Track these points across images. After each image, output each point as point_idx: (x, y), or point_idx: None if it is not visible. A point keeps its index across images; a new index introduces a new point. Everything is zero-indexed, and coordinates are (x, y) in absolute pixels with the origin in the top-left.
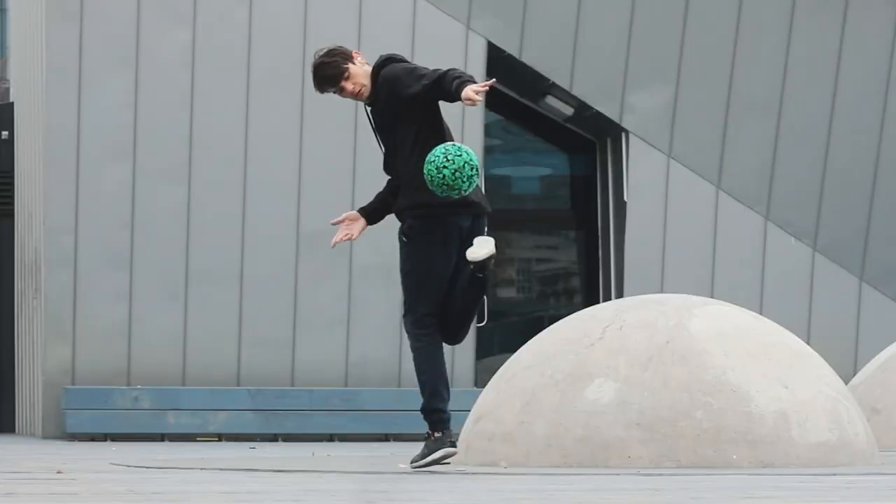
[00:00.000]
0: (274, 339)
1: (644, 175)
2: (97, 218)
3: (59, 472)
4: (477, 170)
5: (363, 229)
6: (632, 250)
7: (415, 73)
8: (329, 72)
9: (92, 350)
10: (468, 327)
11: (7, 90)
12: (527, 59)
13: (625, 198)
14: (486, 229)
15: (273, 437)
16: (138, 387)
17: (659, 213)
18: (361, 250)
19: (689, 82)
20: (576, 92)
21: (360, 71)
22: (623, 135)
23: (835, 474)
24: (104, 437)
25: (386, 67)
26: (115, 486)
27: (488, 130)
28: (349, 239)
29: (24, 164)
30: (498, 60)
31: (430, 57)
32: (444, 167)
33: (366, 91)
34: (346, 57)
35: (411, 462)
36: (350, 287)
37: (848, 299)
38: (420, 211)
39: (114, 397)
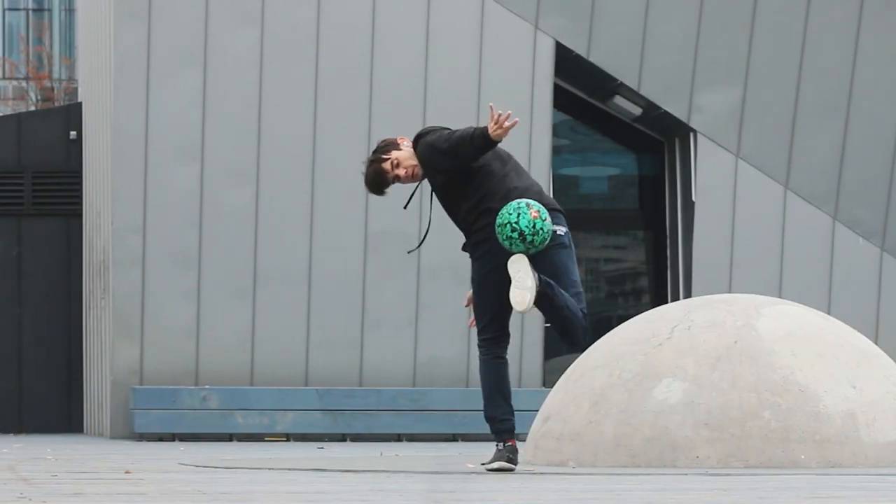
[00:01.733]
0: (342, 339)
1: (712, 175)
2: (165, 218)
3: (127, 472)
4: (518, 225)
5: None
6: (700, 250)
7: (434, 144)
8: (374, 178)
9: (160, 350)
10: (571, 335)
11: (75, 90)
12: (595, 59)
13: (693, 198)
14: (563, 222)
15: (341, 437)
16: (206, 387)
17: (727, 213)
18: (429, 251)
19: (757, 82)
20: (644, 92)
21: (407, 153)
22: (691, 135)
23: None
24: (172, 437)
25: (420, 142)
26: (183, 486)
27: (556, 131)
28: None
29: (93, 164)
30: (566, 60)
31: (498, 57)
32: (505, 235)
33: (419, 170)
34: (387, 148)
35: (483, 462)
36: (418, 287)
37: None
38: (484, 234)
39: (182, 397)
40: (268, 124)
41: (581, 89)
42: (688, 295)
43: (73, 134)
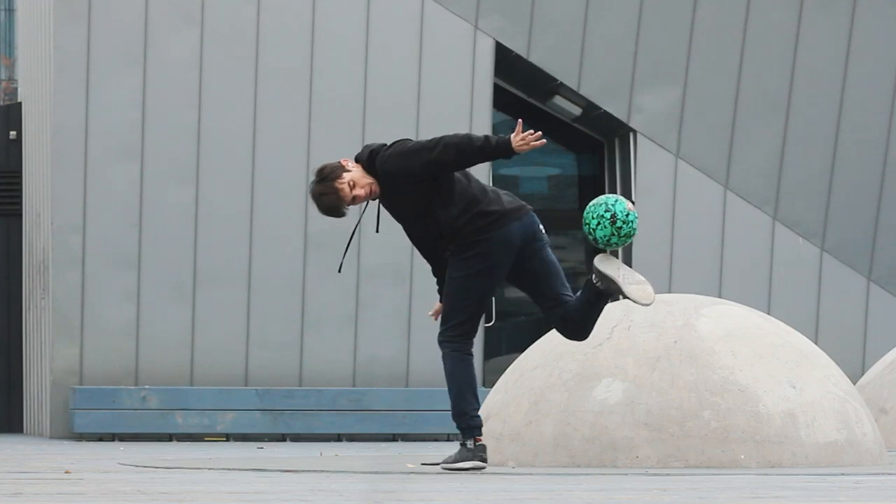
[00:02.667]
0: (282, 339)
1: (652, 175)
2: (105, 218)
3: (66, 472)
4: (614, 207)
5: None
6: (640, 250)
7: (417, 152)
8: (333, 205)
9: (100, 350)
10: (589, 330)
11: (15, 90)
12: (535, 59)
13: (633, 198)
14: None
15: (281, 437)
16: (146, 387)
17: (667, 213)
18: (369, 250)
19: (697, 82)
20: (583, 92)
21: (359, 173)
22: (631, 135)
23: (842, 474)
24: (112, 437)
25: (381, 161)
26: (122, 485)
27: (496, 131)
28: None
29: (32, 164)
30: (506, 60)
31: (438, 57)
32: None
33: (376, 187)
34: (336, 172)
35: (443, 461)
36: (358, 286)
37: (856, 299)
38: (480, 235)
39: (122, 397)
40: (208, 124)
41: (521, 89)
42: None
43: (12, 134)
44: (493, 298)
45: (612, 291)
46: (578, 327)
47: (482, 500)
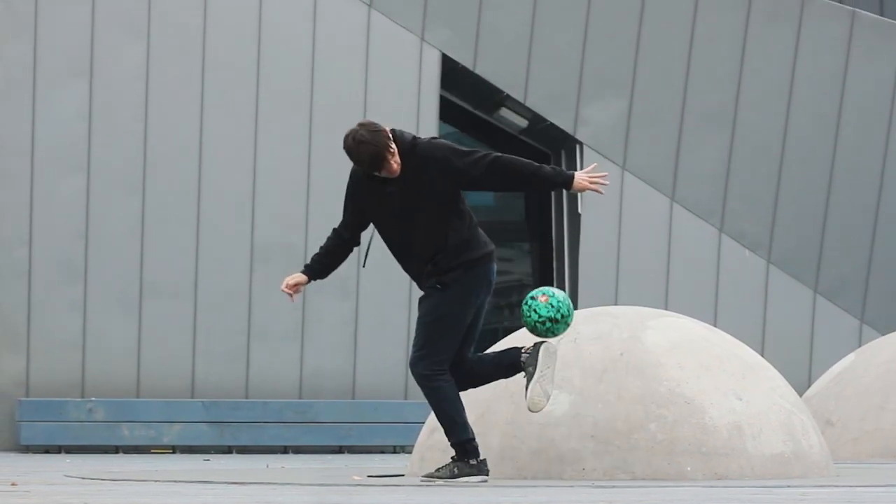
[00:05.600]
0: (228, 351)
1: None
2: (51, 230)
3: (13, 484)
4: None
5: (303, 287)
6: (586, 262)
7: (468, 156)
8: (374, 151)
9: (46, 362)
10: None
11: None
12: (481, 71)
13: (579, 210)
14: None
15: (227, 449)
16: (92, 399)
17: (613, 225)
18: None
19: (643, 94)
20: (530, 104)
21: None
22: (577, 147)
23: (789, 486)
24: (58, 449)
25: (425, 145)
26: (69, 498)
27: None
28: (293, 300)
29: None
30: (452, 72)
31: (384, 68)
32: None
33: (399, 168)
34: (387, 134)
35: (437, 473)
36: (304, 299)
37: (802, 311)
38: (460, 271)
39: (68, 409)
40: (154, 136)
41: (467, 101)
42: (574, 307)
43: None
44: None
45: (524, 372)
46: (475, 382)
47: None
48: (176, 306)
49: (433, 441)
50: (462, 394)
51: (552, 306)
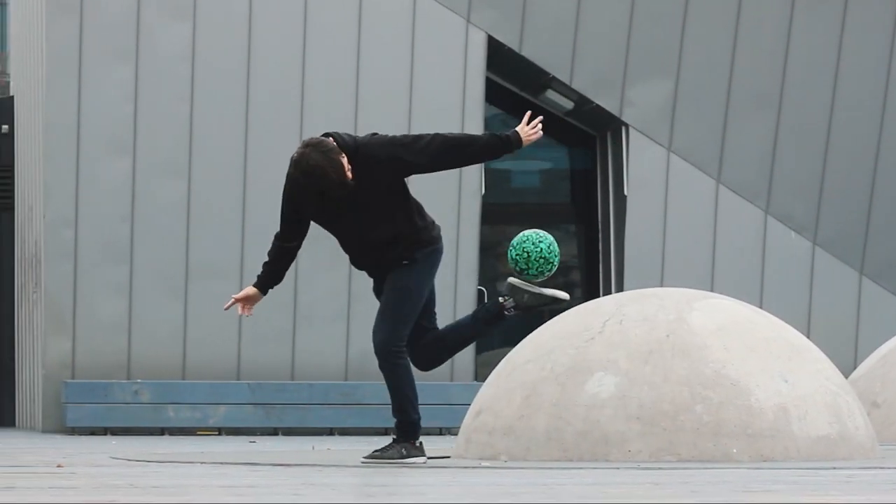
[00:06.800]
0: (274, 333)
1: (644, 169)
2: (97, 211)
3: (59, 466)
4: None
5: (256, 302)
6: (632, 244)
7: (410, 144)
8: (326, 172)
9: (92, 344)
10: (443, 360)
11: (7, 84)
12: (527, 52)
13: (625, 192)
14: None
15: (273, 431)
16: (138, 381)
17: (659, 207)
18: None
19: (689, 76)
20: (575, 86)
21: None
22: (623, 128)
23: (834, 468)
24: (104, 431)
25: (367, 145)
26: (114, 479)
27: (488, 125)
28: (245, 313)
29: (25, 157)
30: (498, 54)
31: (430, 51)
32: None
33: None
34: (334, 148)
35: (382, 455)
36: (350, 281)
37: (848, 293)
38: (424, 249)
39: (114, 391)
40: (199, 118)
41: (513, 83)
42: (620, 289)
43: (4, 128)
44: None
45: (525, 303)
46: (443, 352)
47: (474, 493)
48: (222, 288)
49: (479, 423)
50: (505, 376)
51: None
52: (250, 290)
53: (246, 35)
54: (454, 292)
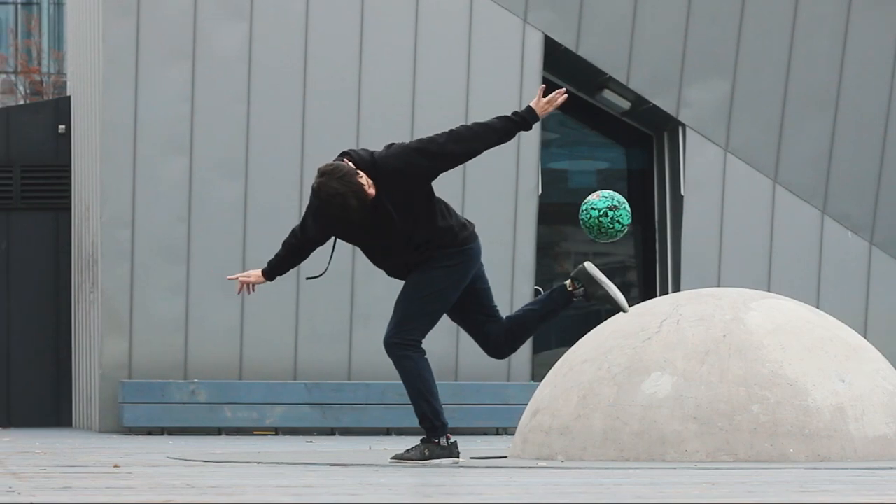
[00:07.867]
0: (330, 333)
1: (701, 169)
2: (154, 212)
3: (115, 466)
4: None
5: (257, 282)
6: (689, 244)
7: (426, 148)
8: (349, 200)
9: (149, 344)
10: (519, 345)
11: (65, 84)
12: (583, 52)
13: (682, 192)
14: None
15: (330, 431)
16: (195, 381)
17: (716, 206)
18: None
19: (746, 76)
20: (632, 86)
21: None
22: (680, 128)
23: (892, 468)
24: (161, 431)
25: (384, 158)
26: (171, 479)
27: (545, 124)
28: (246, 290)
29: (82, 157)
30: (555, 54)
31: (487, 51)
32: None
33: (373, 190)
34: (352, 170)
35: (406, 455)
36: None
37: None
38: (448, 248)
39: (170, 391)
40: (256, 119)
41: (570, 83)
42: (677, 289)
43: (61, 128)
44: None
45: (595, 296)
46: (519, 337)
47: (531, 493)
48: (278, 288)
49: (536, 423)
50: (562, 376)
51: (605, 197)
52: (258, 275)
53: (303, 35)
54: (511, 292)
